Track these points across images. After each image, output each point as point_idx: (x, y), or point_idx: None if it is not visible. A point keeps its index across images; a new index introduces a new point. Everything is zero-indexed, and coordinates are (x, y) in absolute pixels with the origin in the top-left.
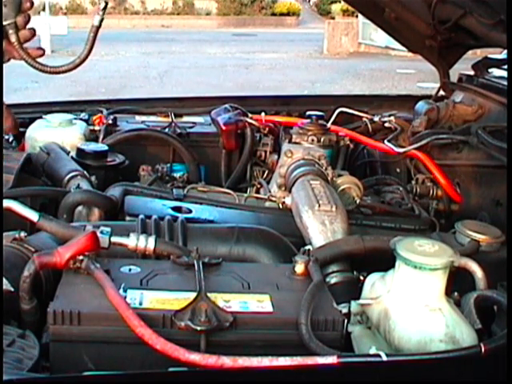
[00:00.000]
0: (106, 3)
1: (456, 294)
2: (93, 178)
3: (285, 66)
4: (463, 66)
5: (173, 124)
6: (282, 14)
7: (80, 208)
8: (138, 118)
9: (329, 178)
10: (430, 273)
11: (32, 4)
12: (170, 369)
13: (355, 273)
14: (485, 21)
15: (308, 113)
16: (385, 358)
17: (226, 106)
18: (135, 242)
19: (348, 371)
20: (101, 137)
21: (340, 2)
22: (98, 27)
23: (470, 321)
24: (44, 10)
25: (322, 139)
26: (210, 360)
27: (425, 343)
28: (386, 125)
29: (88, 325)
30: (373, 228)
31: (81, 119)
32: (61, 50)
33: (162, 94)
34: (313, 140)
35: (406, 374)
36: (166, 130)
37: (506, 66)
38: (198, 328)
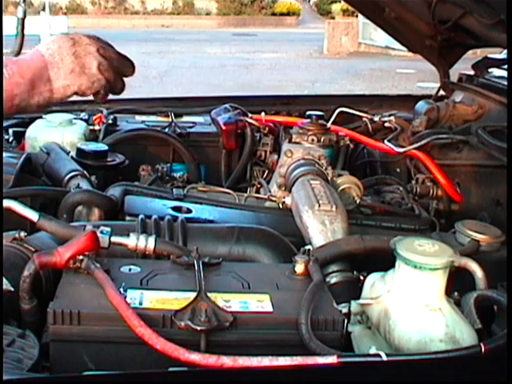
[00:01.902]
0: None
1: (456, 293)
2: (93, 178)
3: (285, 66)
4: (463, 66)
5: (173, 124)
6: (282, 14)
7: (80, 208)
8: (138, 117)
9: (329, 178)
10: (430, 273)
11: None
12: (170, 369)
13: (355, 273)
14: (485, 21)
15: (308, 113)
16: (385, 358)
17: (226, 105)
18: (135, 241)
19: (348, 371)
20: (101, 137)
21: (340, 1)
22: (23, 19)
23: (470, 321)
24: (44, 9)
25: (322, 139)
26: (210, 360)
27: (425, 343)
28: (386, 125)
29: (88, 325)
30: (373, 228)
31: (81, 119)
32: None
33: (161, 94)
34: (313, 140)
35: (406, 374)
36: (166, 129)
37: (506, 66)
38: (198, 328)
